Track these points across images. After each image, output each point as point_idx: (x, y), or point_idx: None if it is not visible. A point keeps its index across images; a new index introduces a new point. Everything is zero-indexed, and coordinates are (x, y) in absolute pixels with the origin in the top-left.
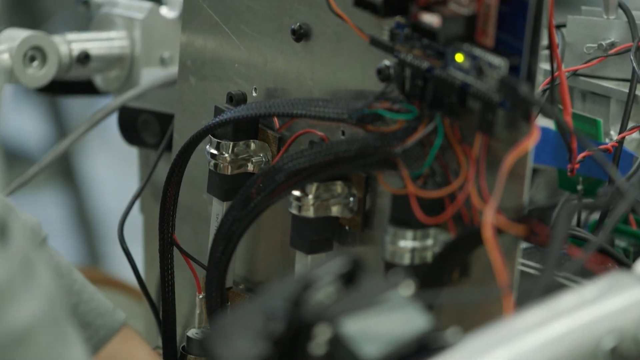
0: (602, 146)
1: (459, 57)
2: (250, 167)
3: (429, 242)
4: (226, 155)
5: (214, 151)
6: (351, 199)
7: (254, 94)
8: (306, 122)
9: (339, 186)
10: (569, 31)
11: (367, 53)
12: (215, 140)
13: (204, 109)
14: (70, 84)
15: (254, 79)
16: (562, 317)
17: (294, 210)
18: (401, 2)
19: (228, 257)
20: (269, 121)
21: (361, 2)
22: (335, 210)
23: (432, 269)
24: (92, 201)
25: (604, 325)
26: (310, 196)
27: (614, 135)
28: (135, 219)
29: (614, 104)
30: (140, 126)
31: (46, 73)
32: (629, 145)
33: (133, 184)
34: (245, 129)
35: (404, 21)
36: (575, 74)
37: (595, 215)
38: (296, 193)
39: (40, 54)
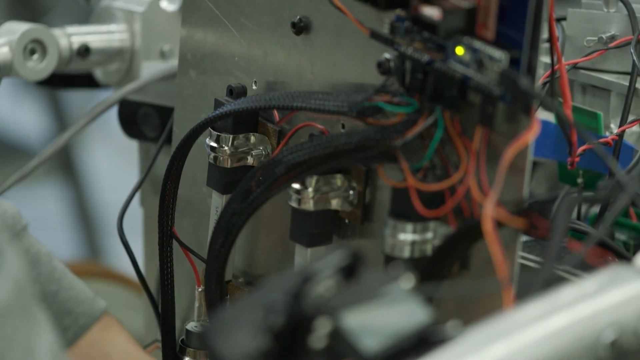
0: (602, 139)
1: (460, 50)
2: (250, 160)
3: (429, 235)
4: (226, 148)
5: (214, 144)
6: (351, 192)
7: (254, 87)
8: (306, 115)
9: (338, 179)
10: (569, 24)
11: (368, 46)
12: (215, 133)
13: (204, 102)
14: (70, 77)
15: (254, 72)
16: (562, 311)
17: (294, 203)
18: None
19: (227, 250)
20: (269, 114)
21: None
22: (335, 203)
23: (432, 262)
24: (92, 194)
25: (604, 318)
26: (310, 189)
27: (614, 128)
28: (135, 212)
29: (614, 97)
30: (140, 119)
31: (46, 66)
32: (629, 139)
33: (133, 177)
34: (245, 121)
35: (404, 14)
36: (575, 67)
37: (596, 209)
38: (296, 186)
39: (41, 47)
